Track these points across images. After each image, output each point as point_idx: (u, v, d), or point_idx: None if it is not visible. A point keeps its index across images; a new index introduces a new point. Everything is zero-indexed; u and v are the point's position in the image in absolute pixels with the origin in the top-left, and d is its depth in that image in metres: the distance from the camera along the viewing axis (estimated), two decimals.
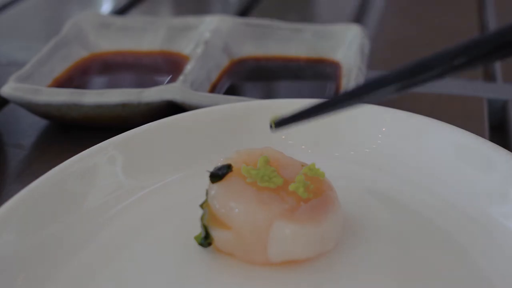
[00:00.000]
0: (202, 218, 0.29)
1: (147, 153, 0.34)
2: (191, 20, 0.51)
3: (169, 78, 0.47)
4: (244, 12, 0.65)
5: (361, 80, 0.41)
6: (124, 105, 0.40)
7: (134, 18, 0.53)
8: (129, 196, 0.32)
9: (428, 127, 0.34)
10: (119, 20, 0.52)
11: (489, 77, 0.51)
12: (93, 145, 0.33)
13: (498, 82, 0.50)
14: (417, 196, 0.32)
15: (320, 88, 0.46)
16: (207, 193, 0.29)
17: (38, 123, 0.43)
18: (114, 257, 0.29)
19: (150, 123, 0.35)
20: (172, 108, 0.40)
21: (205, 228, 0.28)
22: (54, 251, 0.28)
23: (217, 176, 0.29)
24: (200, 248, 0.29)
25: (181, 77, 0.42)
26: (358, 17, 0.63)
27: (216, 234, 0.28)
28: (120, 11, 0.66)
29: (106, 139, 0.34)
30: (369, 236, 0.30)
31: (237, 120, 0.36)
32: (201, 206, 0.29)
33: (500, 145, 0.32)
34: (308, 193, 0.28)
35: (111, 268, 0.28)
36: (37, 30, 0.64)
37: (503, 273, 0.27)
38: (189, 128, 0.36)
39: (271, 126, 0.28)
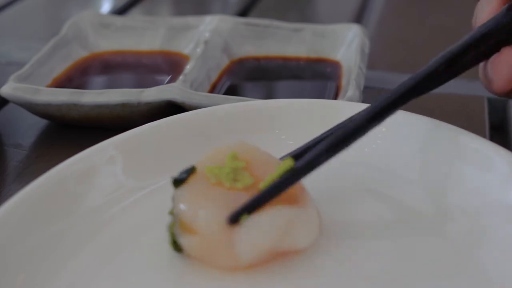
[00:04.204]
0: (170, 226, 0.28)
1: (147, 153, 0.34)
2: (191, 20, 0.51)
3: (169, 78, 0.47)
4: (244, 12, 0.65)
5: (360, 81, 0.41)
6: (124, 105, 0.40)
7: (134, 18, 0.53)
8: (129, 196, 0.32)
9: (428, 127, 0.34)
10: (119, 20, 0.52)
11: None
12: (93, 145, 0.33)
13: None
14: (417, 196, 0.32)
15: (320, 88, 0.46)
16: (173, 200, 0.28)
17: (38, 123, 0.43)
18: (114, 257, 0.29)
19: (150, 123, 0.35)
20: (172, 108, 0.40)
21: (172, 235, 0.28)
22: (54, 251, 0.28)
23: (178, 180, 0.28)
24: None
25: (181, 77, 0.42)
26: (358, 17, 0.63)
27: (184, 241, 0.27)
28: (120, 11, 0.66)
29: (106, 139, 0.33)
30: (368, 236, 0.30)
31: (237, 120, 0.36)
32: (170, 212, 0.28)
33: (500, 145, 0.32)
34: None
35: (111, 268, 0.28)
36: (37, 30, 0.64)
37: (503, 273, 0.27)
38: (189, 128, 0.36)
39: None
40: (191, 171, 0.28)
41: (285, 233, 0.27)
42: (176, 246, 0.28)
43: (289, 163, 0.28)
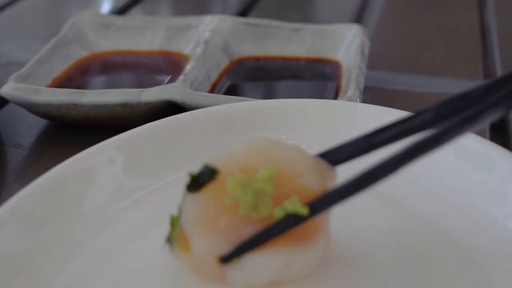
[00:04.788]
0: (174, 218, 0.26)
1: (147, 153, 0.34)
2: (191, 20, 0.51)
3: (169, 78, 0.47)
4: (244, 12, 0.65)
5: (360, 81, 0.41)
6: (124, 105, 0.40)
7: (134, 18, 0.53)
8: (129, 196, 0.32)
9: None
10: (119, 20, 0.52)
11: (489, 77, 0.51)
12: (93, 145, 0.33)
13: None
14: (417, 196, 0.32)
15: (320, 88, 0.46)
16: (183, 197, 0.26)
17: (38, 123, 0.43)
18: (114, 257, 0.29)
19: (150, 123, 0.35)
20: (172, 108, 0.40)
21: (171, 236, 0.26)
22: (54, 251, 0.28)
23: (194, 186, 0.25)
24: None
25: (181, 77, 0.42)
26: (358, 17, 0.63)
27: (177, 253, 0.26)
28: (120, 11, 0.66)
29: (106, 139, 0.33)
30: (368, 236, 0.30)
31: (237, 120, 0.36)
32: (178, 208, 0.26)
33: (500, 145, 0.32)
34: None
35: (111, 268, 0.28)
36: (37, 30, 0.64)
37: (503, 273, 0.27)
38: (189, 128, 0.36)
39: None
40: (211, 175, 0.25)
41: (281, 272, 0.26)
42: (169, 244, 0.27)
43: (299, 209, 0.24)
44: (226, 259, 0.25)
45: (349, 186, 0.25)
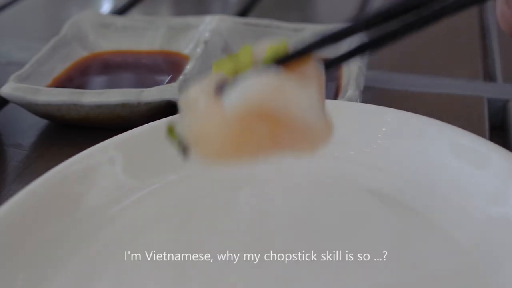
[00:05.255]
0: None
1: (147, 153, 0.34)
2: (191, 20, 0.51)
3: (169, 78, 0.47)
4: (244, 12, 0.65)
5: (360, 81, 0.41)
6: (124, 105, 0.40)
7: (134, 18, 0.53)
8: (129, 196, 0.32)
9: (428, 127, 0.34)
10: (119, 20, 0.52)
11: (489, 77, 0.51)
12: (93, 145, 0.33)
13: (498, 82, 0.50)
14: (417, 196, 0.32)
15: None
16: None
17: (38, 123, 0.43)
18: (114, 257, 0.29)
19: (150, 123, 0.35)
20: (172, 108, 0.40)
21: (170, 130, 0.27)
22: (54, 251, 0.28)
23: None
24: (201, 250, 0.29)
25: (181, 77, 0.42)
26: (358, 17, 0.63)
27: (183, 126, 0.26)
28: (120, 11, 0.66)
29: (106, 139, 0.34)
30: (368, 236, 0.30)
31: None
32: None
33: (500, 145, 0.32)
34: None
35: (111, 268, 0.28)
36: (37, 30, 0.64)
37: (503, 273, 0.27)
38: None
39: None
40: None
41: (272, 93, 0.25)
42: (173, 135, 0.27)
43: (278, 48, 0.26)
44: (220, 88, 0.25)
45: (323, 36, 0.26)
